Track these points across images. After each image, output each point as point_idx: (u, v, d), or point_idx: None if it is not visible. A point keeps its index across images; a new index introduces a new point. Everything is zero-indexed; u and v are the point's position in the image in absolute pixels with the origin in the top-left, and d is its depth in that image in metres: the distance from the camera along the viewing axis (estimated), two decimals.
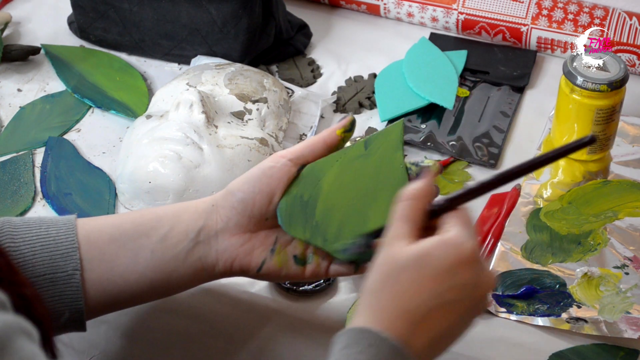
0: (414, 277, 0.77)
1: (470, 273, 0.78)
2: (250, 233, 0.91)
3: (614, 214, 1.09)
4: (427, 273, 0.77)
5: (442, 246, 0.78)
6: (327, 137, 0.92)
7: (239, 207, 0.90)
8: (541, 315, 1.00)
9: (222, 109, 1.13)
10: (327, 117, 1.22)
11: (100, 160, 1.16)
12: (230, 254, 0.91)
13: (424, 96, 1.21)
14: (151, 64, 1.28)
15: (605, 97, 1.10)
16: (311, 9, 1.36)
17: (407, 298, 0.77)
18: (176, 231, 0.90)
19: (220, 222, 0.91)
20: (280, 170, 0.91)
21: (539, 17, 1.26)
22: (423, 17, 1.32)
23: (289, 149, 0.93)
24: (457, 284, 0.77)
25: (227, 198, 0.91)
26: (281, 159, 0.91)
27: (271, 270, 0.91)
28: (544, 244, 1.06)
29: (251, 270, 0.91)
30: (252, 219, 0.91)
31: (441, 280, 0.77)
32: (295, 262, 0.91)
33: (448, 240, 0.78)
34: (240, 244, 0.91)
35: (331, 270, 0.92)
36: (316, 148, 0.92)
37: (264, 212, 0.91)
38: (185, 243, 0.90)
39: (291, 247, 0.92)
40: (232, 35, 1.24)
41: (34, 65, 1.28)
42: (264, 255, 0.91)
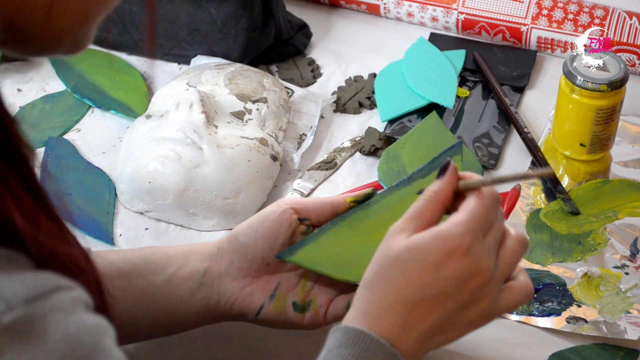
0: (403, 270, 0.77)
1: (459, 265, 0.76)
2: (251, 277, 0.91)
3: (614, 214, 1.09)
4: (415, 265, 0.77)
5: (431, 238, 0.77)
6: (336, 202, 0.91)
7: (241, 251, 0.91)
8: (541, 315, 1.00)
9: (222, 109, 1.13)
10: (327, 117, 1.21)
11: (100, 160, 1.16)
12: (230, 296, 0.91)
13: (424, 96, 1.21)
14: (151, 64, 1.28)
15: (605, 97, 1.10)
16: (311, 9, 1.36)
17: (395, 291, 0.77)
18: (183, 272, 0.91)
19: (224, 264, 0.91)
20: (282, 216, 0.90)
21: (539, 17, 1.26)
22: (423, 17, 1.32)
23: (296, 199, 0.94)
24: (445, 276, 0.76)
25: (231, 241, 0.92)
26: (284, 205, 0.91)
27: (269, 315, 0.91)
28: (544, 244, 1.06)
29: (249, 315, 0.91)
30: (253, 264, 0.91)
31: (428, 272, 0.76)
32: (294, 308, 0.91)
33: (438, 232, 0.77)
34: (240, 287, 0.91)
35: (328, 316, 0.91)
36: (322, 208, 0.91)
37: (266, 257, 0.91)
38: (191, 284, 0.91)
39: (291, 294, 0.92)
40: (232, 35, 1.24)
41: (34, 65, 1.28)
42: (263, 299, 0.91)
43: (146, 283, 0.90)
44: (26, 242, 0.59)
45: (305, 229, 0.91)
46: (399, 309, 0.76)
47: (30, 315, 0.56)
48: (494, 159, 1.16)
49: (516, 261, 0.80)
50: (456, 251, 0.77)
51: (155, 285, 0.90)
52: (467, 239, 0.77)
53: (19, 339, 0.55)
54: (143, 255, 0.92)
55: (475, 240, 0.77)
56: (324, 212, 0.91)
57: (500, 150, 1.17)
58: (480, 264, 0.77)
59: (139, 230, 1.09)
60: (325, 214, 0.91)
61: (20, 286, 0.56)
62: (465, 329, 0.79)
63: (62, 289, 0.58)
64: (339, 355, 0.76)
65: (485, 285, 0.78)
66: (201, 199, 1.07)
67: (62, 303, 0.58)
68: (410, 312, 0.76)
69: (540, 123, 1.20)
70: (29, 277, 0.57)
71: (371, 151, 1.17)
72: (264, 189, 1.10)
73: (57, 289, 0.58)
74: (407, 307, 0.76)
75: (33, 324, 0.56)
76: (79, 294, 0.60)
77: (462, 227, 0.77)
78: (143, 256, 0.92)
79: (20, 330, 0.56)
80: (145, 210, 1.10)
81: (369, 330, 0.76)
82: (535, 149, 1.15)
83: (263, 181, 1.10)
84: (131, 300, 0.90)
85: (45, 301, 0.57)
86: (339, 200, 0.91)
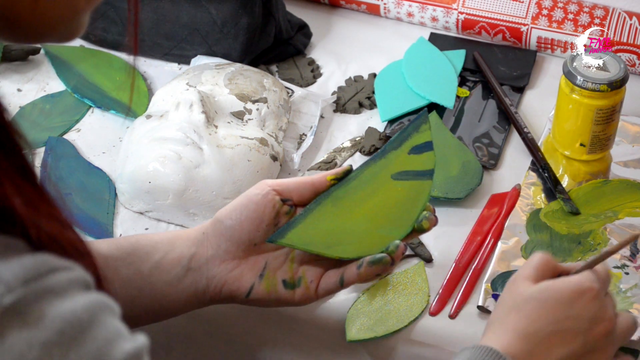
0: (536, 306, 0.84)
1: (588, 306, 0.84)
2: (239, 259, 0.93)
3: (614, 214, 1.09)
4: (549, 303, 0.84)
5: (565, 282, 0.85)
6: (316, 181, 0.95)
7: (227, 234, 0.93)
8: None
9: (222, 109, 1.13)
10: (327, 117, 1.21)
11: (100, 160, 1.16)
12: (219, 280, 0.93)
13: (424, 96, 1.21)
14: (151, 64, 1.28)
15: (605, 97, 1.10)
16: (311, 9, 1.36)
17: (528, 323, 0.83)
18: (170, 258, 0.93)
19: (210, 249, 0.93)
20: (265, 197, 0.93)
21: (539, 17, 1.26)
22: (423, 17, 1.32)
23: (277, 180, 0.95)
24: (574, 314, 0.83)
25: (216, 226, 0.93)
26: (266, 187, 0.93)
27: (260, 295, 0.93)
28: (544, 244, 1.06)
29: (240, 296, 0.93)
30: (240, 245, 0.93)
31: (560, 309, 0.83)
32: (284, 286, 0.93)
33: (571, 279, 0.85)
34: (229, 270, 0.93)
35: (320, 290, 0.93)
36: (303, 188, 0.94)
37: (252, 238, 0.93)
38: (178, 270, 0.92)
39: (280, 272, 0.93)
40: (232, 35, 1.24)
41: (33, 65, 1.28)
42: (252, 280, 0.93)
43: (133, 271, 0.91)
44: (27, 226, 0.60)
45: (289, 208, 0.94)
46: (530, 339, 0.83)
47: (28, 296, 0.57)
48: (494, 159, 1.16)
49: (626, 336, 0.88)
50: (587, 293, 0.84)
51: (142, 273, 0.92)
52: (596, 285, 0.85)
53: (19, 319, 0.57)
54: (129, 243, 0.93)
55: (602, 289, 0.86)
56: (306, 191, 0.94)
57: (500, 150, 1.17)
58: (607, 310, 0.85)
59: (139, 230, 1.09)
60: (307, 194, 0.94)
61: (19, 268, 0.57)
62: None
63: (59, 270, 0.59)
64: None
65: (610, 335, 0.85)
66: (201, 199, 1.07)
67: (60, 283, 0.59)
68: (538, 343, 0.83)
69: (540, 123, 1.20)
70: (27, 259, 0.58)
71: (371, 151, 1.17)
72: None
73: (54, 270, 0.59)
74: (537, 337, 0.83)
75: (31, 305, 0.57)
76: (78, 274, 0.61)
77: (592, 276, 0.86)
78: (129, 244, 0.93)
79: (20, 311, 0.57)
80: (145, 210, 1.10)
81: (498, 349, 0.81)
82: (535, 149, 1.15)
83: None
84: (119, 289, 0.90)
85: (42, 282, 0.58)
86: (319, 179, 0.95)
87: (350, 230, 0.94)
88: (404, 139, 0.96)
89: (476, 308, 1.00)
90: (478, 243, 1.07)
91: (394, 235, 0.94)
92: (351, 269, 0.92)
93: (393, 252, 0.92)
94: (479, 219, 1.09)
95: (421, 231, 0.95)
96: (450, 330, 0.99)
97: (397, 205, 0.95)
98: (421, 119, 0.97)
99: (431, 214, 0.95)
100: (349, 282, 0.92)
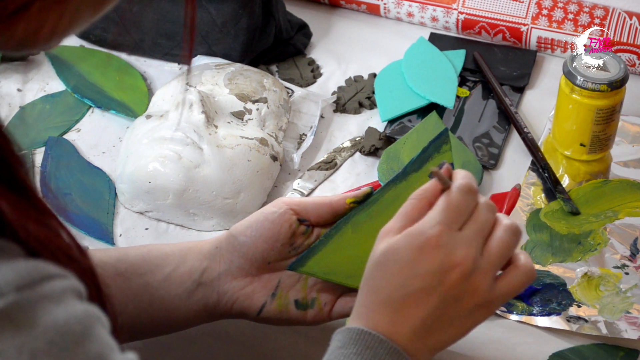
0: (383, 272, 0.78)
1: (433, 259, 0.77)
2: (251, 277, 0.92)
3: (614, 214, 1.09)
4: (393, 266, 0.78)
5: (404, 237, 0.78)
6: (335, 203, 0.92)
7: (241, 250, 0.91)
8: (541, 315, 1.00)
9: (222, 109, 1.13)
10: (327, 117, 1.21)
11: (100, 160, 1.16)
12: (231, 296, 0.91)
13: (424, 96, 1.21)
14: (151, 64, 1.28)
15: (605, 97, 1.10)
16: (311, 9, 1.36)
17: (378, 292, 0.78)
18: (181, 271, 0.91)
19: (223, 264, 0.91)
20: (282, 217, 0.91)
21: (539, 17, 1.26)
22: (423, 17, 1.32)
23: (294, 199, 0.93)
24: (421, 272, 0.77)
25: (229, 241, 0.92)
26: (284, 206, 0.91)
27: (271, 314, 0.92)
28: (544, 244, 1.06)
29: (251, 314, 0.92)
30: (254, 263, 0.91)
31: (404, 270, 0.78)
32: (296, 306, 0.92)
33: (410, 230, 0.78)
34: (241, 287, 0.91)
35: (334, 313, 0.92)
36: (321, 209, 0.92)
37: (266, 257, 0.91)
38: (189, 283, 0.91)
39: (293, 292, 0.92)
40: (232, 35, 1.24)
41: (33, 65, 1.28)
42: (265, 298, 0.91)
43: (143, 283, 0.90)
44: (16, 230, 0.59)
45: (305, 229, 0.92)
46: (385, 309, 0.78)
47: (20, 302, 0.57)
48: (494, 159, 1.16)
49: (507, 249, 0.80)
50: (427, 245, 0.77)
51: (152, 285, 0.91)
52: (436, 231, 0.77)
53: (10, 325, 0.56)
54: (140, 254, 0.92)
55: (446, 232, 0.78)
56: (323, 213, 0.92)
57: (500, 150, 1.17)
58: (454, 255, 0.77)
59: (139, 230, 1.09)
60: (325, 215, 0.92)
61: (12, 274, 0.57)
62: (465, 324, 0.79)
63: (53, 277, 0.59)
64: (342, 355, 0.77)
65: (469, 276, 0.78)
66: (201, 199, 1.07)
67: (53, 291, 0.58)
68: (396, 310, 0.77)
69: (540, 123, 1.20)
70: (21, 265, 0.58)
71: (371, 151, 1.17)
72: (264, 189, 1.10)
73: (48, 277, 0.59)
74: (392, 305, 0.78)
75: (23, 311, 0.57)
76: (71, 282, 0.60)
77: (431, 221, 0.78)
78: (140, 255, 0.92)
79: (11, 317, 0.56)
80: (145, 210, 1.10)
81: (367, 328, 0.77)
82: (535, 149, 1.15)
83: (263, 181, 1.10)
84: (129, 301, 0.89)
85: (36, 289, 0.58)
86: (337, 201, 0.92)
87: None
88: (425, 160, 0.91)
89: None
90: None
91: None
92: None
93: None
94: None
95: None
96: None
97: None
98: (442, 138, 0.91)
99: None
100: None
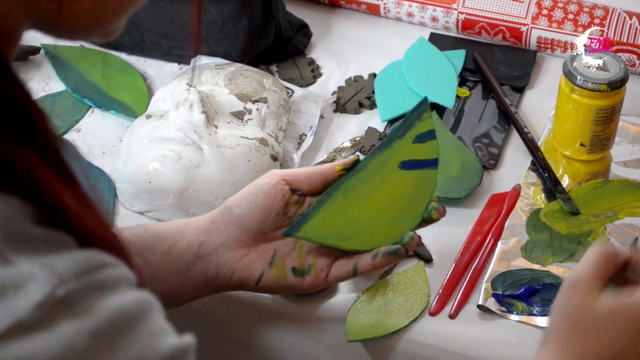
0: (606, 328, 0.78)
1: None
2: (248, 247, 0.94)
3: (614, 214, 1.09)
4: (620, 326, 0.78)
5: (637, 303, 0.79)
6: (325, 171, 0.96)
7: (237, 222, 0.94)
8: (541, 315, 1.00)
9: (222, 109, 1.13)
10: (327, 117, 1.21)
11: (100, 160, 1.16)
12: (229, 267, 0.94)
13: (423, 96, 1.21)
14: (151, 64, 1.28)
15: (605, 97, 1.10)
16: (311, 9, 1.36)
17: (598, 345, 0.78)
18: (179, 247, 0.93)
19: (220, 237, 0.94)
20: (275, 187, 0.94)
21: (539, 17, 1.26)
22: (423, 17, 1.32)
23: (286, 169, 0.97)
24: None
25: (225, 214, 0.95)
26: (276, 177, 0.95)
27: (270, 282, 0.94)
28: (544, 244, 1.06)
29: (250, 283, 0.94)
30: (250, 234, 0.94)
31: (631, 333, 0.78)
32: (293, 273, 0.94)
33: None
34: (238, 257, 0.94)
35: (330, 278, 0.95)
36: (312, 177, 0.96)
37: (262, 227, 0.94)
38: (187, 258, 0.93)
39: (289, 260, 0.95)
40: (232, 35, 1.24)
41: (34, 65, 1.28)
42: (262, 268, 0.94)
43: (142, 261, 0.92)
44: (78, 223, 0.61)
45: (298, 198, 0.95)
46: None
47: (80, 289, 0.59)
48: (493, 159, 1.16)
49: None
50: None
51: (151, 262, 0.92)
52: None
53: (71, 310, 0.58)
54: (136, 234, 0.94)
55: None
56: (315, 181, 0.96)
57: (500, 150, 1.17)
58: None
59: None
60: (316, 184, 0.96)
61: (71, 263, 0.59)
62: None
63: (108, 266, 0.61)
64: None
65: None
66: (201, 199, 1.07)
67: (109, 279, 0.60)
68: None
69: (540, 123, 1.20)
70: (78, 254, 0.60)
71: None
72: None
73: (104, 266, 0.60)
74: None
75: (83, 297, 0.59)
76: (123, 271, 0.62)
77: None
78: (136, 235, 0.93)
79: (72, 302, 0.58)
80: (145, 210, 1.10)
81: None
82: (535, 149, 1.15)
83: None
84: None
85: (94, 276, 0.59)
86: (328, 169, 0.96)
87: (362, 222, 0.95)
88: (408, 128, 0.97)
89: (476, 308, 1.00)
90: (478, 243, 1.07)
91: (404, 226, 0.96)
92: (365, 258, 0.94)
93: (408, 243, 0.94)
94: (479, 219, 1.09)
95: (430, 221, 0.97)
96: (450, 330, 0.99)
97: (406, 195, 0.97)
98: (422, 106, 0.97)
99: (440, 205, 0.97)
100: (363, 272, 0.94)
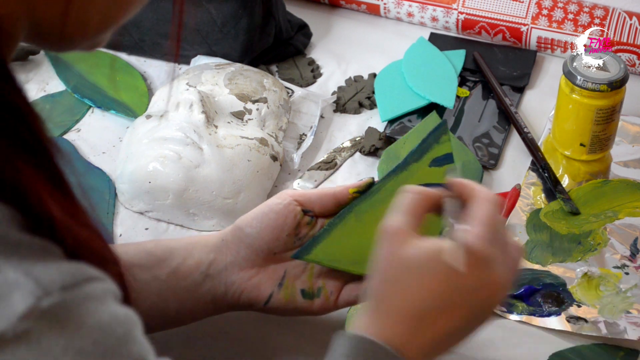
0: (419, 280, 0.76)
1: (473, 277, 0.76)
2: (258, 267, 0.93)
3: (614, 214, 1.09)
4: (431, 277, 0.76)
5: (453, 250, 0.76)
6: (339, 194, 0.93)
7: (247, 241, 0.92)
8: (541, 315, 1.00)
9: (222, 109, 1.13)
10: (327, 117, 1.21)
11: (100, 160, 1.16)
12: (238, 287, 0.92)
13: (424, 96, 1.21)
14: (151, 64, 1.28)
15: (605, 97, 1.10)
16: (311, 9, 1.36)
17: (409, 300, 0.76)
18: (188, 264, 0.92)
19: (230, 256, 0.92)
20: (287, 208, 0.92)
21: (539, 17, 1.26)
22: (423, 17, 1.32)
23: (299, 191, 0.95)
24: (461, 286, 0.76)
25: (235, 233, 0.93)
26: (288, 197, 0.93)
27: (278, 303, 0.93)
28: (544, 244, 1.06)
29: (258, 304, 0.93)
30: (260, 254, 0.92)
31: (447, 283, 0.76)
32: (303, 296, 0.93)
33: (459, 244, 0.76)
34: (248, 277, 0.92)
35: (340, 301, 0.93)
36: (325, 199, 0.93)
37: (272, 247, 0.92)
38: (196, 276, 0.92)
39: (299, 282, 0.93)
40: (232, 35, 1.24)
41: (33, 65, 1.28)
42: (272, 288, 0.93)
43: (150, 276, 0.91)
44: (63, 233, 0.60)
45: (310, 219, 0.93)
46: (403, 323, 0.76)
47: (65, 302, 0.57)
48: (494, 159, 1.16)
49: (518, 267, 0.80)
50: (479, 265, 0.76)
51: (159, 278, 0.91)
52: (488, 252, 0.76)
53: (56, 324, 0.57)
54: (145, 249, 0.93)
55: (494, 251, 0.77)
56: (327, 203, 0.93)
57: (500, 150, 1.17)
58: (494, 274, 0.77)
59: (139, 230, 1.09)
60: (329, 205, 0.93)
61: (57, 273, 0.58)
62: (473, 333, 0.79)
63: (94, 279, 0.60)
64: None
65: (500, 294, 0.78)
66: (201, 199, 1.07)
67: (95, 292, 0.59)
68: (420, 321, 0.76)
69: (540, 123, 1.20)
70: (65, 266, 0.59)
71: (371, 151, 1.17)
72: (264, 189, 1.10)
73: (90, 279, 0.59)
74: (421, 318, 0.76)
75: (68, 310, 0.57)
76: (109, 285, 0.61)
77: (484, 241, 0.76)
78: (145, 250, 0.92)
79: (57, 316, 0.57)
80: (145, 210, 1.10)
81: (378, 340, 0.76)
82: (535, 149, 1.15)
83: (263, 181, 1.10)
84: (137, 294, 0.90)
85: (80, 289, 0.58)
86: (341, 191, 0.93)
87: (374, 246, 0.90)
88: (425, 151, 0.93)
89: None
90: None
91: None
92: None
93: None
94: None
95: None
96: None
97: None
98: (441, 129, 0.93)
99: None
100: None
